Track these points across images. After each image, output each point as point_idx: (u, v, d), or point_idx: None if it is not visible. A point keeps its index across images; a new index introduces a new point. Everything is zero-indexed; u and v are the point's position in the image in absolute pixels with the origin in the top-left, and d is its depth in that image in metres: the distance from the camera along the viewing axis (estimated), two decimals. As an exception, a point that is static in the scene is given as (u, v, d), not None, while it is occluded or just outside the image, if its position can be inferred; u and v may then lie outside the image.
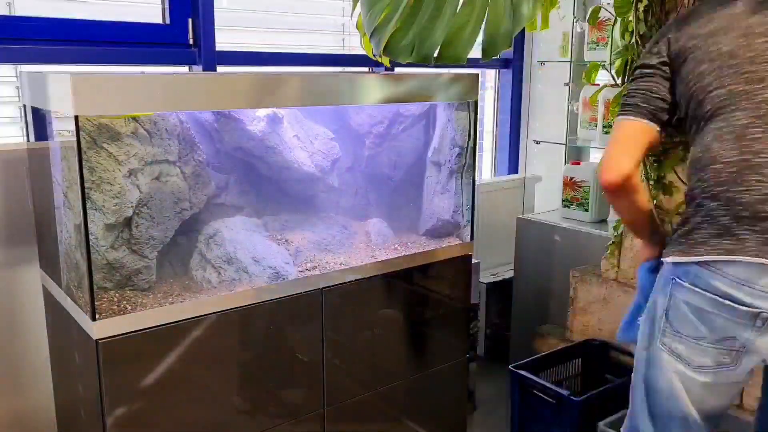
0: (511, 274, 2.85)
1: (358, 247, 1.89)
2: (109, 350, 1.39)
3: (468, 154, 1.98)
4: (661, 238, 1.42)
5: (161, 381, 1.47)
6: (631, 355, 2.07)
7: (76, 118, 1.29)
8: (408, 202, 2.06)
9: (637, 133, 1.32)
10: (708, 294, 1.18)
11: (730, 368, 1.22)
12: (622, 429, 1.44)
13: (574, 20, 2.61)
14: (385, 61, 2.12)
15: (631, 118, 1.33)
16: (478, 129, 2.04)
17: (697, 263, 1.20)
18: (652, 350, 1.30)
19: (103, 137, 1.39)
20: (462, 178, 1.99)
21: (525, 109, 3.18)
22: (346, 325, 1.78)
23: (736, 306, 1.16)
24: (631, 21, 1.89)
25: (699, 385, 1.24)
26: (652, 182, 1.95)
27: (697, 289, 1.20)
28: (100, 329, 1.37)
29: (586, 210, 2.55)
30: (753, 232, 1.15)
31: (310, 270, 1.72)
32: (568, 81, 2.71)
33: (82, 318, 1.42)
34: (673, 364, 1.25)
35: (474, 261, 2.07)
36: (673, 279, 1.24)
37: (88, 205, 1.35)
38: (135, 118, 1.44)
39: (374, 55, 1.74)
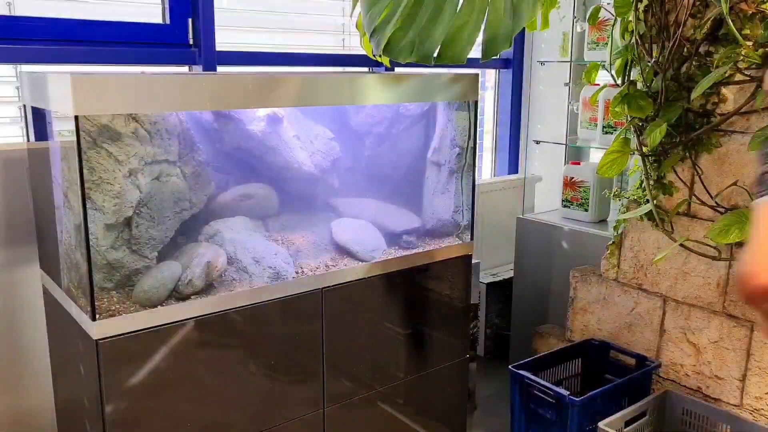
0: (511, 274, 2.85)
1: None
2: (109, 350, 1.39)
3: (468, 154, 1.98)
4: None
5: (161, 381, 1.47)
6: (631, 354, 2.08)
7: (76, 118, 1.29)
8: (408, 202, 2.06)
9: None
10: None
11: None
12: None
13: (574, 20, 2.61)
14: (385, 61, 2.12)
15: None
16: (478, 129, 2.04)
17: None
18: None
19: (103, 137, 1.39)
20: (462, 178, 1.99)
21: (525, 109, 3.18)
22: (346, 325, 1.78)
23: None
24: (631, 21, 1.89)
25: None
26: (652, 182, 1.95)
27: None
28: (100, 329, 1.37)
29: (586, 210, 2.55)
30: None
31: (310, 270, 1.72)
32: (568, 81, 2.71)
33: (82, 318, 1.42)
34: None
35: (474, 261, 2.07)
36: None
37: (88, 205, 1.35)
38: (135, 118, 1.44)
39: (374, 55, 1.74)
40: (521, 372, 1.98)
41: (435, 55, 1.54)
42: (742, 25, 1.68)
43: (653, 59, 1.84)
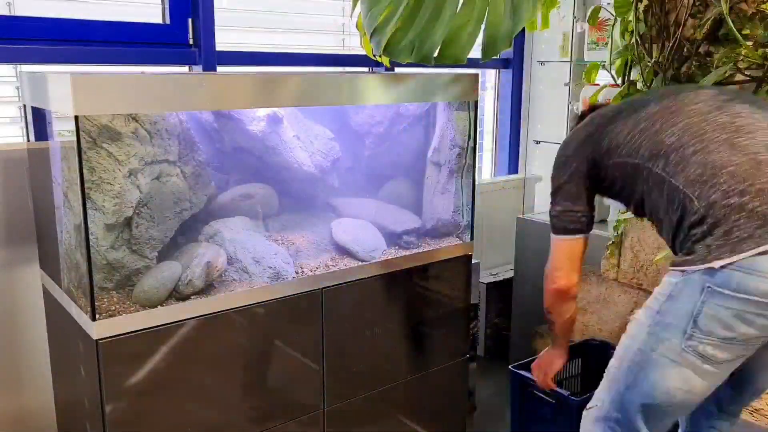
0: (511, 274, 2.85)
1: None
2: (109, 350, 1.39)
3: (468, 154, 1.98)
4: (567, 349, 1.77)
5: (161, 381, 1.47)
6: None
7: (76, 118, 1.29)
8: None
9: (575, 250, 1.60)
10: (753, 297, 1.20)
11: (745, 357, 1.27)
12: (592, 410, 1.46)
13: (574, 20, 2.61)
14: (385, 61, 2.12)
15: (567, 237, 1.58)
16: (478, 129, 2.04)
17: (740, 270, 1.20)
18: (661, 353, 1.31)
19: (103, 137, 1.39)
20: (462, 178, 1.99)
21: (525, 109, 3.18)
22: (346, 325, 1.78)
23: None
24: (631, 21, 1.89)
25: (709, 375, 1.28)
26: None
27: (740, 294, 1.20)
28: (100, 329, 1.37)
29: (586, 210, 2.55)
30: None
31: (310, 270, 1.72)
32: (568, 81, 2.71)
33: (82, 318, 1.42)
34: (695, 364, 1.27)
35: (474, 261, 2.07)
36: (708, 287, 1.24)
37: (88, 205, 1.35)
38: (135, 118, 1.44)
39: (374, 55, 1.74)
40: (521, 372, 1.98)
41: (435, 55, 1.54)
42: (742, 25, 1.68)
43: (653, 59, 1.84)
